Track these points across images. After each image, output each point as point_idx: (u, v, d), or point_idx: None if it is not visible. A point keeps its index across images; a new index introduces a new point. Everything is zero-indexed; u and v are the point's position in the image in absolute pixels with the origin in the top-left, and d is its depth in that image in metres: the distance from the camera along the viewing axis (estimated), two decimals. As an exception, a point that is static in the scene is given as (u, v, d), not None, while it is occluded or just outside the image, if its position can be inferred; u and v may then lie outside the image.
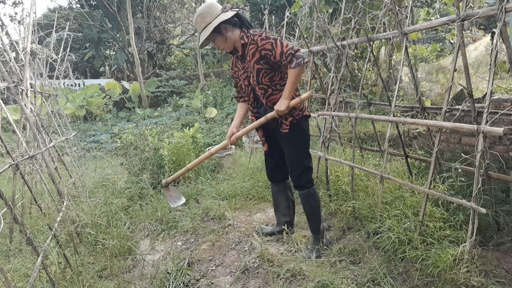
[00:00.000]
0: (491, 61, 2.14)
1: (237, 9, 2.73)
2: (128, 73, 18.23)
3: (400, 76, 3.27)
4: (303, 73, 2.58)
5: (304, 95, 2.71)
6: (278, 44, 2.58)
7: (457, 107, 3.00)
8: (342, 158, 3.86)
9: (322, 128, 3.91)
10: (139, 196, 4.33)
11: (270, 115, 2.73)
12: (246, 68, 2.79)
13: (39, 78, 4.22)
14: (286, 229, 2.84)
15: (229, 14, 2.65)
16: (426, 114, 3.06)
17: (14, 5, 15.71)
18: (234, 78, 3.02)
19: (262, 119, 2.78)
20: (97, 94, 13.59)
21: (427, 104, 5.81)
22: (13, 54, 3.44)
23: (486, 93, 2.25)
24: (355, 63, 7.21)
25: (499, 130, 2.09)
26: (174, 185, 3.26)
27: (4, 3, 16.73)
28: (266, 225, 3.45)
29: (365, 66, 3.59)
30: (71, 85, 14.67)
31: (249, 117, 3.05)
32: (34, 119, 3.37)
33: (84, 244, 3.08)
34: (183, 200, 3.17)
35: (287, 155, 2.88)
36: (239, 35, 2.71)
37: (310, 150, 2.95)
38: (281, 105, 2.64)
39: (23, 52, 3.42)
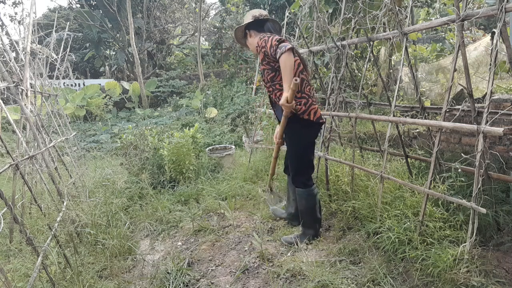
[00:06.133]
0: (491, 61, 2.14)
1: (262, 16, 2.95)
2: (128, 73, 18.21)
3: (400, 76, 3.27)
4: (292, 60, 2.59)
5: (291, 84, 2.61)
6: (269, 40, 2.72)
7: (457, 107, 3.00)
8: (342, 158, 3.86)
9: (322, 128, 3.91)
10: (139, 196, 4.33)
11: (284, 113, 2.82)
12: (261, 70, 3.02)
13: (39, 78, 4.21)
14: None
15: (249, 19, 2.95)
16: (426, 114, 3.06)
17: (14, 5, 15.67)
18: None
19: (282, 119, 2.88)
20: (97, 94, 13.57)
21: (427, 104, 5.81)
22: (13, 54, 3.43)
23: (486, 93, 2.25)
24: (355, 63, 7.20)
25: (499, 130, 2.10)
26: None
27: (4, 3, 16.70)
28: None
29: (365, 66, 3.58)
30: (71, 85, 14.64)
31: None
32: (34, 119, 3.37)
33: (84, 244, 3.07)
34: (284, 202, 3.49)
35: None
36: (257, 41, 2.88)
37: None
38: (282, 98, 2.69)
39: (23, 52, 3.42)
